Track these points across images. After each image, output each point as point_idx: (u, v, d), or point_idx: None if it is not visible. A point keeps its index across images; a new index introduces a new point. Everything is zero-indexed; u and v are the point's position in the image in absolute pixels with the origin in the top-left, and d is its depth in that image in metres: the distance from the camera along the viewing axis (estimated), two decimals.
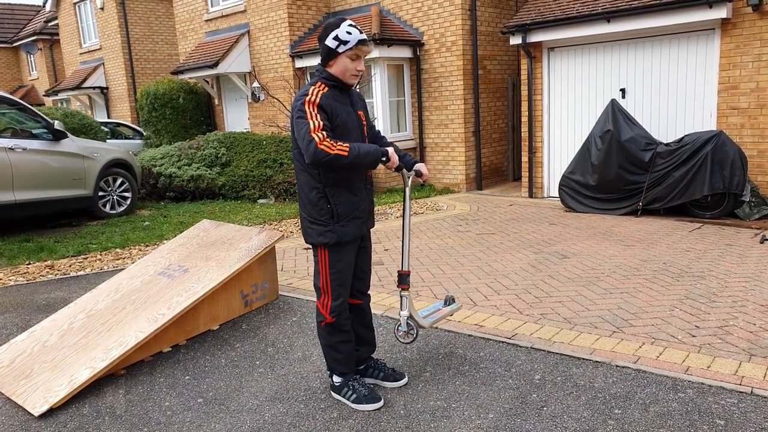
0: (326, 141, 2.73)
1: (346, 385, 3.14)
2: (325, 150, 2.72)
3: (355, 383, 3.14)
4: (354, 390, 3.11)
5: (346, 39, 2.84)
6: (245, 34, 12.66)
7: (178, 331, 3.97)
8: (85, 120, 11.82)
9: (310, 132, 2.74)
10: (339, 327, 3.07)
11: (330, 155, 2.72)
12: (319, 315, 3.10)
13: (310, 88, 2.88)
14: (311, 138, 2.73)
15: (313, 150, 2.72)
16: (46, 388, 3.34)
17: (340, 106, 2.91)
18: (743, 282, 4.82)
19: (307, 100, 2.81)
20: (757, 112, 7.39)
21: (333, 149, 2.73)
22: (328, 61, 2.90)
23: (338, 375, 3.16)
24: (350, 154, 2.76)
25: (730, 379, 3.17)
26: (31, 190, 7.72)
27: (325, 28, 2.90)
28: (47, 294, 5.32)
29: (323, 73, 2.93)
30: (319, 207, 2.94)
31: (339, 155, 2.74)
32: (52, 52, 23.90)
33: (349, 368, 3.17)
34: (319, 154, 2.72)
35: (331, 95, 2.87)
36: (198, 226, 5.21)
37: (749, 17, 7.26)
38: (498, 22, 10.75)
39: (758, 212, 7.09)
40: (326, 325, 3.07)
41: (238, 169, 10.46)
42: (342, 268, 3.02)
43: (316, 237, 2.98)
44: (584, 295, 4.65)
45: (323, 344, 3.14)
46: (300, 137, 2.79)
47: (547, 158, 9.54)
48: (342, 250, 3.00)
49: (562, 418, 2.89)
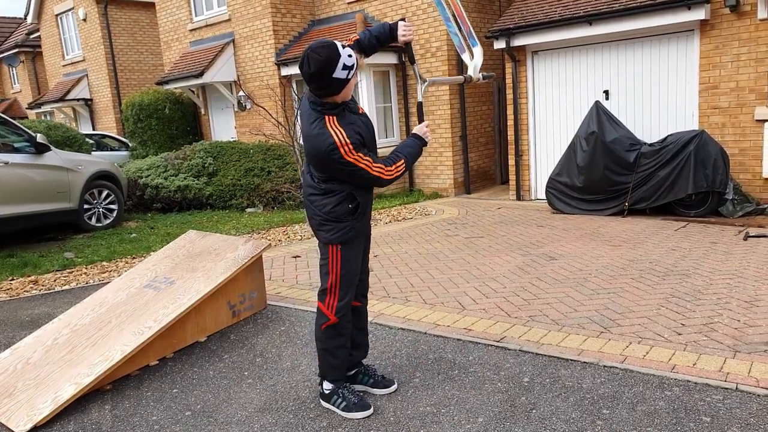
0: (383, 168, 2.91)
1: (336, 393, 3.13)
2: (390, 178, 2.94)
3: (345, 391, 3.13)
4: (344, 398, 3.10)
5: (351, 63, 2.81)
6: (230, 43, 12.64)
7: (164, 343, 3.94)
8: (69, 132, 11.74)
9: (370, 173, 2.87)
10: (340, 329, 3.06)
11: (391, 179, 2.96)
12: (321, 317, 3.07)
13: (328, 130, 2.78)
14: (375, 177, 2.90)
15: (384, 182, 2.94)
16: (30, 406, 3.29)
17: (349, 123, 2.87)
18: (727, 279, 4.86)
19: (345, 152, 2.77)
20: (737, 111, 7.47)
21: (394, 174, 2.97)
22: (340, 91, 2.82)
23: (329, 382, 3.14)
24: (407, 165, 3.02)
25: (715, 376, 3.19)
26: (14, 205, 7.64)
27: (324, 62, 2.73)
28: (31, 310, 5.26)
29: (326, 105, 2.85)
30: (340, 206, 2.94)
31: (398, 172, 2.99)
32: (34, 64, 23.72)
33: (341, 375, 3.17)
34: (384, 182, 2.94)
35: (343, 123, 2.84)
36: (184, 237, 5.18)
37: (727, 18, 7.36)
38: (482, 27, 10.81)
39: (741, 210, 7.17)
40: (327, 327, 3.05)
41: (225, 179, 10.42)
42: (352, 266, 3.04)
43: (333, 234, 2.97)
44: (572, 296, 4.67)
45: (321, 348, 3.12)
46: (360, 181, 2.92)
47: (534, 161, 9.60)
48: (354, 246, 3.04)
49: (551, 420, 2.89)
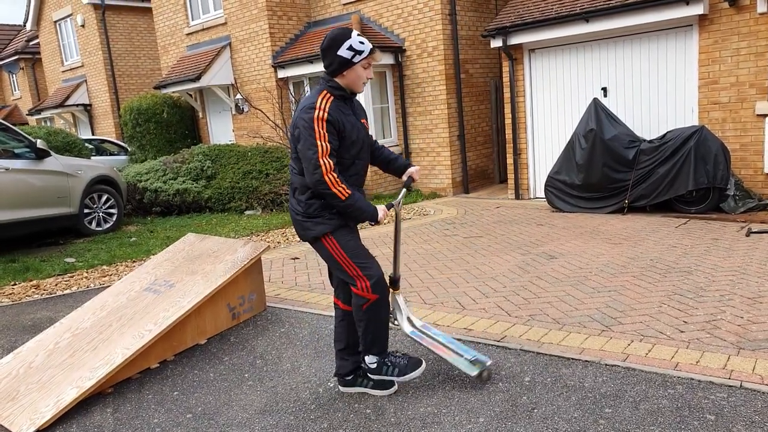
0: (332, 174, 2.81)
1: (384, 364, 3.13)
2: (328, 184, 2.81)
3: (391, 358, 3.15)
4: (394, 365, 3.11)
5: (360, 49, 2.89)
6: (227, 46, 12.65)
7: (165, 346, 3.93)
8: (69, 138, 11.73)
9: (319, 156, 2.79)
10: (382, 303, 3.05)
11: (329, 191, 2.82)
12: (359, 299, 3.04)
13: (317, 98, 2.88)
14: (318, 164, 2.79)
15: (318, 178, 2.80)
16: (33, 410, 3.29)
17: (345, 117, 2.92)
18: (730, 276, 4.84)
19: (317, 117, 2.81)
20: (737, 106, 7.46)
21: (335, 187, 2.82)
22: (342, 71, 2.92)
23: (373, 354, 3.14)
24: (346, 201, 2.86)
25: (719, 374, 3.18)
26: (14, 210, 7.65)
27: (333, 38, 2.89)
28: (33, 314, 5.26)
29: (330, 83, 2.95)
30: (311, 203, 2.97)
31: (336, 196, 2.84)
32: (34, 70, 23.76)
33: (384, 345, 3.16)
34: (321, 185, 2.81)
35: (336, 106, 2.89)
36: (183, 240, 5.17)
37: (726, 12, 7.34)
38: (478, 25, 10.81)
39: (743, 205, 7.15)
40: (368, 307, 3.02)
41: (223, 182, 10.41)
42: (354, 244, 3.03)
43: (315, 228, 2.98)
44: (572, 294, 4.66)
45: (363, 325, 3.08)
46: (306, 157, 2.82)
47: (532, 159, 9.58)
48: (345, 230, 3.02)
49: (553, 420, 2.88)
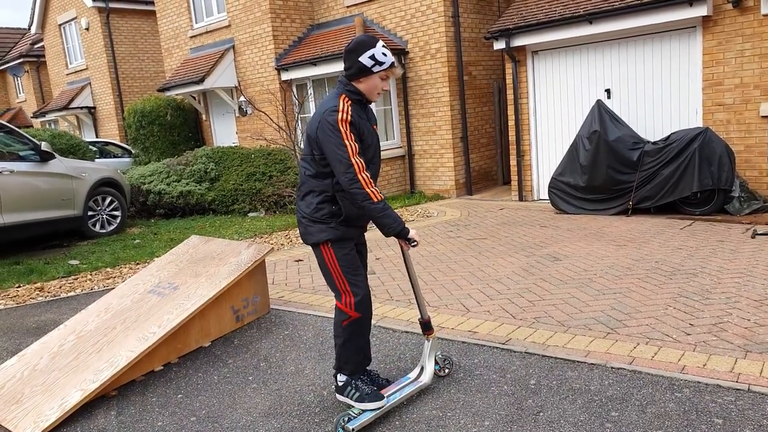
0: (365, 173, 2.80)
1: (350, 384, 3.08)
2: (362, 183, 2.78)
3: (359, 382, 3.09)
4: (357, 388, 3.05)
5: (382, 60, 2.90)
6: (230, 48, 12.66)
7: (169, 349, 3.93)
8: (73, 140, 11.77)
9: (350, 156, 2.78)
10: (363, 323, 3.03)
11: (362, 191, 2.79)
12: (341, 314, 3.03)
13: (338, 101, 2.88)
14: (350, 163, 2.77)
15: (352, 176, 2.77)
16: (37, 413, 3.29)
17: (363, 122, 2.94)
18: (736, 278, 4.82)
19: (341, 119, 2.81)
20: (742, 108, 7.43)
21: (368, 187, 2.80)
22: (359, 77, 2.92)
23: (344, 374, 3.09)
24: (378, 204, 2.82)
25: (726, 377, 3.16)
26: (19, 212, 7.66)
27: (359, 43, 2.91)
28: (37, 317, 5.26)
29: (348, 86, 2.95)
30: (321, 208, 2.96)
31: (369, 197, 2.80)
32: (38, 73, 23.84)
33: (357, 368, 3.12)
34: (355, 184, 2.78)
35: (355, 110, 2.90)
36: (187, 242, 5.17)
37: (730, 14, 7.32)
38: (481, 27, 10.80)
39: (748, 207, 7.11)
40: (349, 324, 3.01)
41: (227, 184, 10.42)
42: (350, 259, 3.02)
43: (318, 234, 2.98)
44: (577, 297, 4.64)
45: (340, 342, 3.05)
46: (336, 158, 2.80)
47: (536, 161, 9.56)
48: (345, 244, 3.01)
49: (559, 423, 2.86)
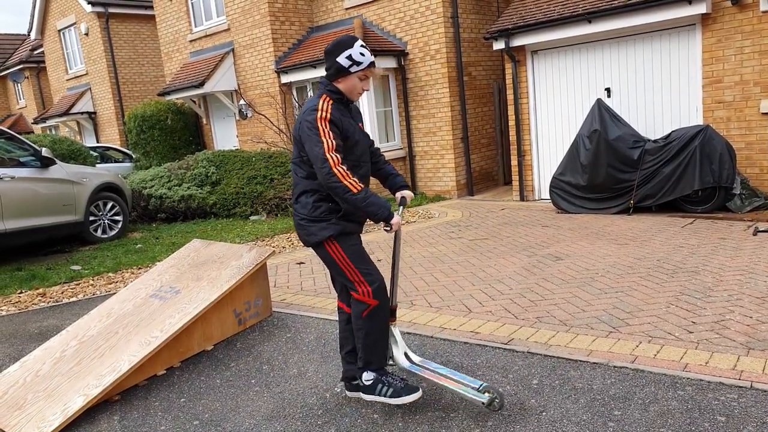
0: (340, 167, 2.79)
1: (380, 381, 3.05)
2: (338, 176, 2.78)
3: (389, 378, 3.06)
4: (389, 384, 3.03)
5: (359, 60, 2.92)
6: (230, 52, 12.68)
7: (171, 353, 3.93)
8: (74, 146, 11.79)
9: (325, 152, 2.78)
10: (383, 310, 3.01)
11: (340, 184, 2.78)
12: (360, 305, 3.01)
13: (318, 101, 2.92)
14: (325, 158, 2.78)
15: (327, 171, 2.77)
16: (40, 418, 3.29)
17: (345, 119, 2.96)
18: (738, 275, 4.81)
19: (319, 117, 2.84)
20: (742, 105, 7.43)
21: (345, 179, 2.79)
22: (338, 77, 2.95)
23: (372, 371, 3.07)
24: (359, 194, 2.81)
25: (729, 374, 3.15)
26: (21, 219, 7.67)
27: (336, 44, 2.93)
28: (40, 322, 5.27)
29: (329, 86, 2.97)
30: (318, 206, 2.97)
31: (348, 189, 2.79)
32: (39, 79, 23.87)
33: (382, 360, 3.10)
34: (331, 178, 2.78)
35: (336, 108, 2.92)
36: (189, 246, 5.17)
37: (729, 11, 7.32)
38: (480, 28, 10.81)
39: (750, 204, 7.11)
40: (369, 313, 2.99)
41: (228, 187, 10.43)
42: (357, 249, 3.03)
43: (319, 233, 2.97)
44: (579, 296, 4.64)
45: (365, 335, 3.02)
46: (314, 155, 2.82)
47: (537, 161, 9.56)
48: (349, 237, 3.02)
49: (562, 423, 2.86)
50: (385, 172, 3.32)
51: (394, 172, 3.33)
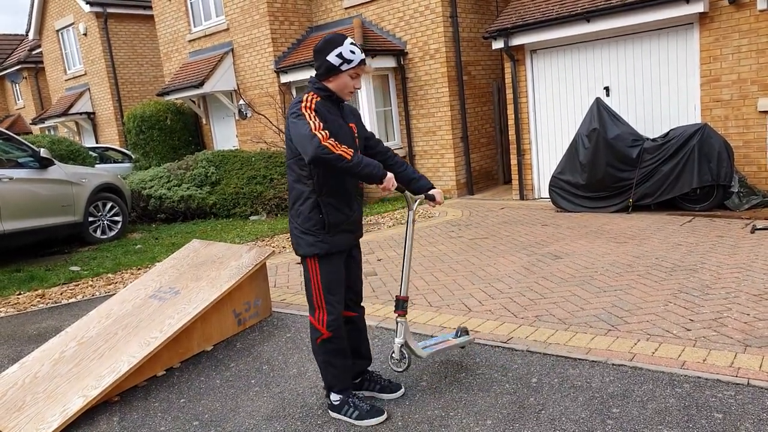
0: (330, 140, 2.71)
1: (346, 403, 3.08)
2: (329, 147, 2.68)
3: (355, 399, 3.08)
4: (355, 407, 3.05)
5: (350, 58, 2.88)
6: (229, 52, 12.68)
7: (171, 353, 3.94)
8: (73, 146, 11.80)
9: (312, 130, 2.71)
10: (336, 342, 3.02)
11: (333, 153, 2.68)
12: (315, 331, 3.04)
13: (303, 96, 2.90)
14: (313, 135, 2.69)
15: (316, 145, 2.67)
16: (39, 420, 3.30)
17: (331, 116, 2.92)
18: (735, 273, 4.82)
19: (304, 106, 2.83)
20: (740, 103, 7.43)
21: (337, 149, 2.70)
22: (328, 76, 2.92)
23: (336, 392, 3.10)
24: (353, 160, 2.74)
25: (726, 372, 3.16)
26: (19, 220, 7.67)
27: (326, 42, 2.90)
28: (38, 324, 5.27)
29: (317, 85, 2.95)
30: (310, 218, 2.94)
31: (342, 157, 2.71)
32: (37, 80, 23.86)
33: (346, 383, 3.12)
34: (322, 150, 2.67)
35: (322, 104, 2.89)
36: (188, 247, 5.18)
37: (726, 10, 7.32)
38: (480, 27, 10.81)
39: (748, 202, 7.12)
40: (323, 341, 3.02)
41: (228, 188, 10.43)
42: (333, 279, 3.00)
43: (306, 248, 2.96)
44: (578, 294, 4.65)
45: (320, 361, 3.10)
46: (300, 137, 2.74)
47: (536, 160, 9.57)
48: (332, 260, 2.99)
49: (561, 421, 2.87)
50: (407, 176, 3.18)
51: (417, 175, 3.18)
